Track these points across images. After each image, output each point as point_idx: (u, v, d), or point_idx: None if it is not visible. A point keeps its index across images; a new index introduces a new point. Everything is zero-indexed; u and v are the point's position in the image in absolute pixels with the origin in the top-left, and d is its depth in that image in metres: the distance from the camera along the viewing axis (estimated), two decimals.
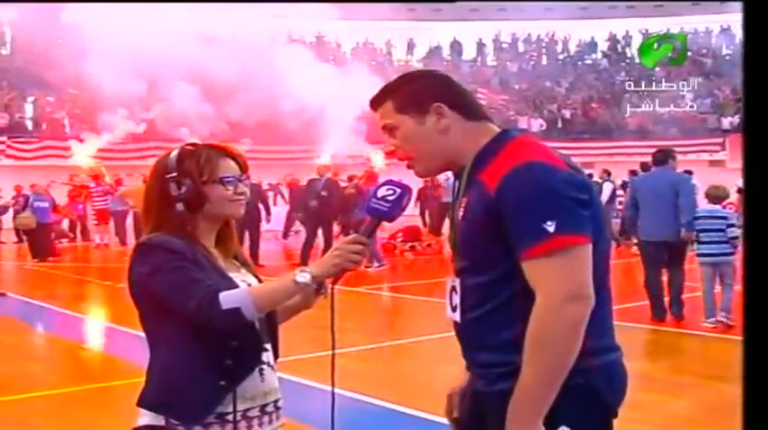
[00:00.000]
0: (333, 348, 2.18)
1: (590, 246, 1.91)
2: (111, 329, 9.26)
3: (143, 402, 2.18)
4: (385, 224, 2.25)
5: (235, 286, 2.18)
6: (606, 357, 2.00)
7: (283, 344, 2.34)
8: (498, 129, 2.13)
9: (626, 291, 12.62)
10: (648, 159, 27.85)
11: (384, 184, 2.16)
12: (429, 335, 8.14)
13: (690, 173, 25.29)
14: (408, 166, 2.19)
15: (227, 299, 2.07)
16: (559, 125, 32.91)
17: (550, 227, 1.86)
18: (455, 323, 2.15)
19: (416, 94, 2.11)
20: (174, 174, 2.20)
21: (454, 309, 2.13)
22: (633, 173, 20.19)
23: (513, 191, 1.91)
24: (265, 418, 2.23)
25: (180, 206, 2.19)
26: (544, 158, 1.95)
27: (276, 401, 2.27)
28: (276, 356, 2.32)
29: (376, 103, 2.16)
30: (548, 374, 1.89)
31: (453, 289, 2.14)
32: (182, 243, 2.16)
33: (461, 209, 2.07)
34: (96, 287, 13.34)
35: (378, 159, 20.10)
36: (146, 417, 2.17)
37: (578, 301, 1.88)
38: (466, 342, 2.12)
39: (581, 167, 2.08)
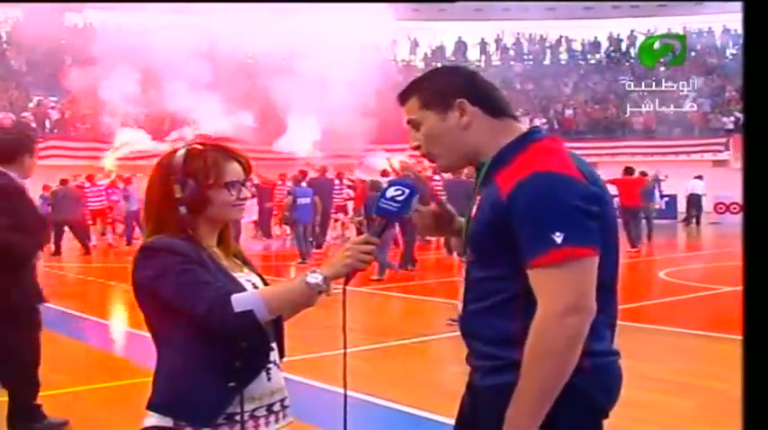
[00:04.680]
0: (345, 348, 2.20)
1: (596, 259, 1.94)
2: (117, 329, 9.27)
3: (151, 404, 2.17)
4: None
5: (241, 286, 2.18)
6: (600, 360, 2.01)
7: (287, 344, 2.35)
8: (523, 128, 2.14)
9: (628, 292, 12.63)
10: (653, 159, 27.84)
11: (392, 185, 2.17)
12: (435, 335, 8.15)
13: (700, 177, 25.40)
14: (430, 161, 2.24)
15: (239, 301, 2.06)
16: (563, 125, 32.89)
17: (558, 238, 1.88)
18: (460, 313, 2.19)
19: (440, 90, 2.13)
20: (179, 176, 2.19)
21: (461, 300, 2.17)
22: (643, 174, 20.23)
23: (525, 199, 1.93)
24: (272, 417, 2.23)
25: (183, 209, 2.18)
26: (560, 168, 1.96)
27: (282, 400, 2.27)
28: (281, 355, 2.32)
29: (403, 98, 2.19)
30: (546, 382, 1.92)
31: (463, 280, 2.18)
32: (185, 244, 2.16)
33: (475, 205, 2.11)
34: (99, 286, 13.37)
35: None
36: (153, 418, 2.16)
37: (579, 313, 1.90)
38: (465, 331, 2.16)
39: (598, 175, 2.08)
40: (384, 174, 17.65)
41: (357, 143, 23.87)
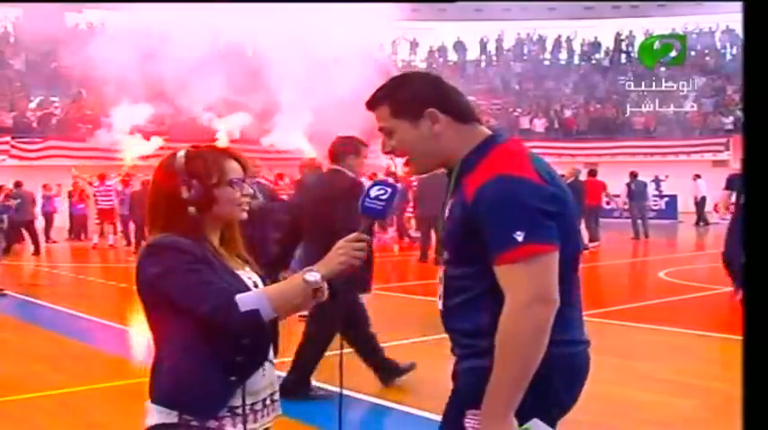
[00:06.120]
0: (341, 348, 2.29)
1: (556, 254, 2.06)
2: (117, 329, 9.27)
3: (155, 398, 2.22)
4: None
5: (244, 284, 2.24)
6: (564, 349, 2.11)
7: (287, 344, 2.36)
8: (488, 132, 2.25)
9: (628, 292, 12.64)
10: (653, 160, 28.29)
11: (375, 184, 2.26)
12: (435, 335, 8.12)
13: (698, 176, 25.50)
14: (406, 164, 2.32)
15: (244, 301, 2.11)
16: (563, 125, 32.90)
17: (519, 236, 2.01)
18: (440, 310, 2.31)
19: (411, 99, 2.22)
20: (184, 177, 2.23)
21: (440, 298, 2.28)
22: (633, 174, 20.52)
23: (487, 201, 2.06)
24: (266, 411, 2.31)
25: (192, 209, 2.22)
26: (519, 171, 2.08)
27: (273, 394, 2.35)
28: (276, 352, 2.39)
29: (372, 105, 2.27)
30: (515, 371, 2.03)
31: (440, 279, 2.29)
32: (191, 243, 2.20)
33: (447, 208, 2.22)
34: (98, 286, 13.37)
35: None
36: (156, 416, 2.21)
37: (543, 304, 2.02)
38: (445, 325, 2.29)
39: (557, 176, 2.20)
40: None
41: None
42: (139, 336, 8.40)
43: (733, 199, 9.98)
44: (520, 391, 2.03)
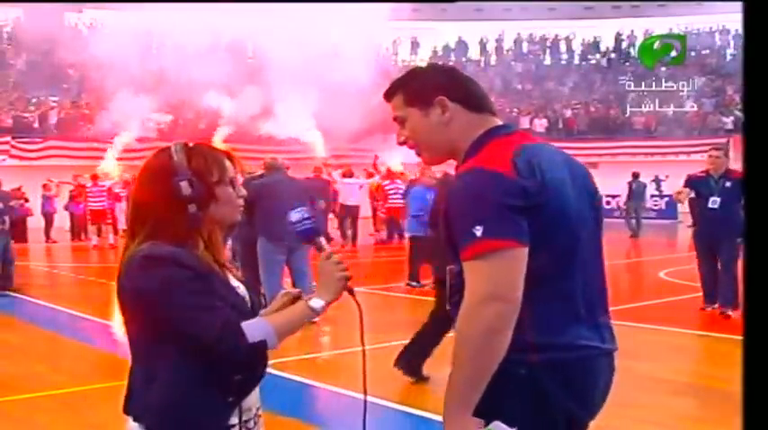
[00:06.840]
0: (363, 352, 2.31)
1: (520, 250, 1.95)
2: (117, 329, 9.26)
3: (147, 421, 2.08)
4: None
5: (241, 298, 2.16)
6: (553, 354, 2.02)
7: (287, 344, 2.35)
8: (496, 123, 2.21)
9: (628, 292, 12.62)
10: (653, 160, 28.48)
11: (291, 211, 2.26)
12: None
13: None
14: (417, 154, 2.31)
15: (250, 330, 2.03)
16: (564, 125, 32.89)
17: (478, 231, 1.95)
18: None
19: (422, 87, 2.22)
20: (185, 174, 2.08)
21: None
22: (635, 175, 20.69)
23: (453, 195, 2.06)
24: (256, 427, 2.22)
25: (192, 208, 2.07)
26: (490, 164, 2.01)
27: (259, 408, 2.26)
28: None
29: (388, 95, 2.29)
30: (469, 370, 1.97)
31: None
32: (188, 255, 2.05)
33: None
34: (98, 286, 13.35)
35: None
36: None
37: (497, 302, 1.93)
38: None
39: (551, 169, 2.05)
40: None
41: (354, 143, 23.97)
42: None
43: (693, 195, 10.00)
44: (474, 392, 1.96)
